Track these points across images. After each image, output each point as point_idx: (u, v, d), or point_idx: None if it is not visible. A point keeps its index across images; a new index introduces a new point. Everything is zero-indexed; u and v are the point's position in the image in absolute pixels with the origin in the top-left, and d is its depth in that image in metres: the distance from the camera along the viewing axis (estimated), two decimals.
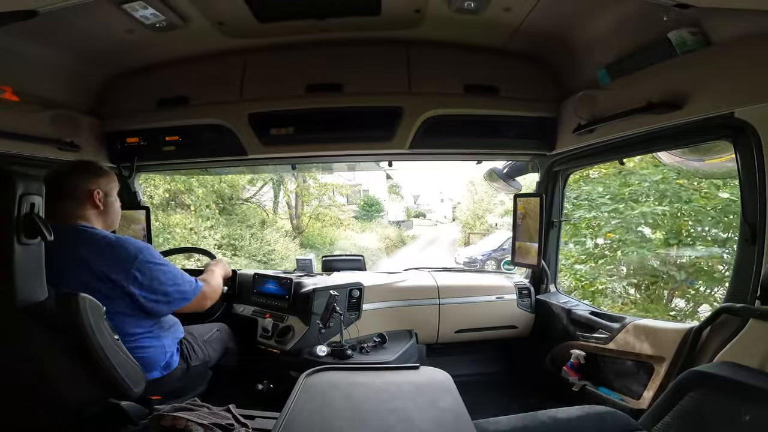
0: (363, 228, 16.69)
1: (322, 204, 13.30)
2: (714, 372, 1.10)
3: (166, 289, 1.33)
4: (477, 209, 19.80)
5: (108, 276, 1.25)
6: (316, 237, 13.00)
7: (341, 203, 15.34)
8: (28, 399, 1.06)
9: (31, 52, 1.57)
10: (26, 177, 1.00)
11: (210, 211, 9.19)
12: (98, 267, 1.25)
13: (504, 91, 1.92)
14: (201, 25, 1.63)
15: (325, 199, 13.25)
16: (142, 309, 1.31)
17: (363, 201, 19.86)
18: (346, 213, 15.62)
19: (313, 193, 12.59)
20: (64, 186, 1.29)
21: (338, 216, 14.09)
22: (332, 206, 14.06)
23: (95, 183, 1.34)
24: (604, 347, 1.81)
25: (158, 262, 1.33)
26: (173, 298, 1.36)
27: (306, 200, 12.93)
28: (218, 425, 1.16)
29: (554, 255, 2.35)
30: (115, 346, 1.16)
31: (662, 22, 1.27)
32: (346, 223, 14.62)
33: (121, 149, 2.03)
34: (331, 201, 13.96)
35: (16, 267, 0.97)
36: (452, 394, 1.01)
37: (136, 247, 1.30)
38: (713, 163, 1.79)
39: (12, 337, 1.01)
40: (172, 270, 1.37)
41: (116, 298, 1.26)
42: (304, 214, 13.18)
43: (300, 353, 1.93)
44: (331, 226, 13.76)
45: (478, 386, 2.11)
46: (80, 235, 1.27)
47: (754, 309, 1.15)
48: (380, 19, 1.67)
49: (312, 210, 13.14)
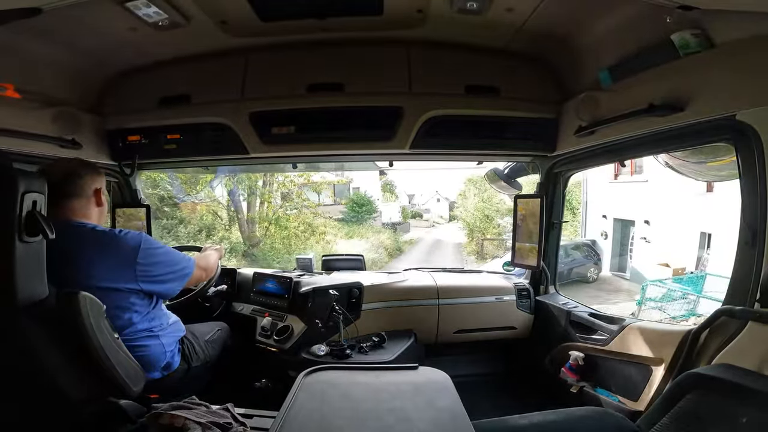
0: (351, 233, 13.84)
1: (293, 206, 10.47)
2: (712, 374, 1.10)
3: (168, 269, 1.39)
4: (487, 208, 16.32)
5: (114, 267, 1.27)
6: (279, 251, 9.98)
7: (318, 202, 12.45)
8: (27, 397, 1.06)
9: (33, 49, 1.57)
10: (28, 174, 1.00)
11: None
12: (104, 260, 1.26)
13: (505, 91, 1.92)
14: (203, 23, 1.63)
15: (297, 200, 10.38)
16: (150, 294, 1.36)
17: (351, 200, 16.92)
18: (327, 215, 12.88)
19: (269, 191, 9.71)
20: (74, 185, 1.30)
21: (317, 219, 11.23)
22: (305, 207, 11.03)
23: (99, 182, 1.38)
24: (602, 349, 1.81)
25: (156, 247, 1.38)
26: (177, 276, 1.42)
27: (268, 200, 10.09)
28: (216, 424, 1.16)
29: (554, 256, 2.35)
30: (114, 345, 1.16)
31: (665, 24, 1.26)
32: (321, 230, 11.42)
33: (122, 147, 2.03)
34: (301, 200, 10.95)
35: (17, 265, 0.97)
36: (451, 395, 1.01)
37: (135, 238, 1.33)
38: (714, 165, 1.79)
39: (12, 335, 1.01)
40: (168, 251, 1.43)
41: (122, 290, 1.28)
42: (264, 220, 10.16)
43: (299, 352, 1.93)
44: (304, 234, 10.57)
45: (477, 387, 2.11)
46: (79, 231, 1.28)
47: (753, 311, 1.15)
48: (382, 19, 1.66)
49: (274, 213, 10.14)
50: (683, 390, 1.10)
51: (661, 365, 1.50)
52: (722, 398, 1.03)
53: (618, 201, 11.16)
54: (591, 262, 10.96)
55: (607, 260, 11.32)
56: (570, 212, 12.91)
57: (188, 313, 1.86)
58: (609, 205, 11.62)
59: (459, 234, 18.49)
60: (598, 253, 11.21)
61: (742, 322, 1.18)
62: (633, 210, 10.46)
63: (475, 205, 17.01)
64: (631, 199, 10.41)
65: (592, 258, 11.02)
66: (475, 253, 15.23)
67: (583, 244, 11.27)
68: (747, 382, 1.02)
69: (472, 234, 16.72)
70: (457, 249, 16.58)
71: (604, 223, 11.71)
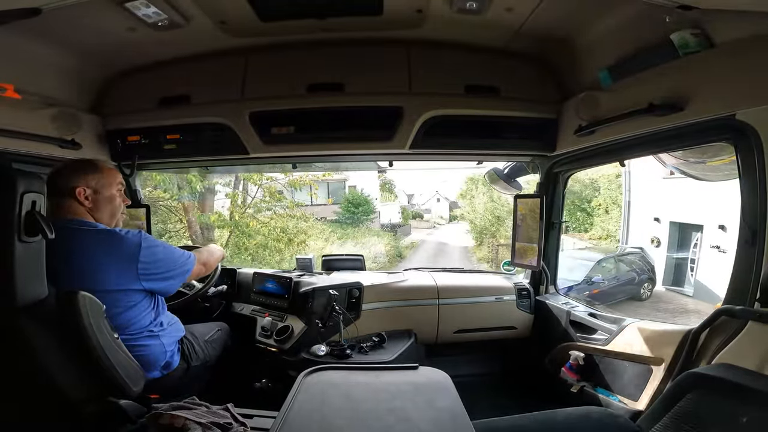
0: (345, 236, 11.90)
1: (269, 206, 8.19)
2: (712, 374, 1.09)
3: (168, 266, 1.39)
4: (497, 209, 14.41)
5: (115, 266, 1.27)
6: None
7: (303, 202, 10.09)
8: (27, 397, 1.06)
9: (33, 50, 1.57)
10: (27, 175, 1.00)
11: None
12: (105, 259, 1.26)
13: (505, 91, 1.92)
14: (203, 23, 1.63)
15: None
16: (151, 292, 1.37)
17: (347, 199, 15.03)
18: (316, 217, 10.42)
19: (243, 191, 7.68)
20: (52, 182, 1.30)
21: (302, 221, 8.91)
22: (282, 208, 8.68)
23: (83, 180, 1.34)
24: (602, 349, 1.81)
25: (156, 245, 1.38)
26: (178, 273, 1.42)
27: (234, 199, 8.00)
28: (216, 424, 1.16)
29: (554, 256, 2.35)
30: (114, 345, 1.16)
31: (665, 24, 1.27)
32: (301, 237, 8.83)
33: (122, 147, 2.03)
34: (273, 200, 8.44)
35: (16, 265, 0.97)
36: (451, 395, 1.01)
37: (136, 236, 1.33)
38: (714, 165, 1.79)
39: (11, 335, 1.01)
40: (168, 247, 1.44)
41: (122, 289, 1.28)
42: (228, 225, 7.91)
43: (299, 352, 1.93)
44: (277, 243, 8.20)
45: (477, 387, 2.11)
46: (76, 230, 1.28)
47: (754, 311, 1.15)
48: (382, 19, 1.66)
49: (243, 214, 8.00)
50: (683, 390, 1.10)
51: (661, 365, 1.50)
52: (722, 398, 1.03)
53: (677, 201, 8.67)
54: (644, 276, 8.84)
55: (660, 272, 9.24)
56: (604, 215, 11.65)
57: (188, 313, 1.86)
58: (663, 206, 9.26)
59: (463, 236, 17.12)
60: (652, 265, 9.15)
61: (742, 322, 1.18)
62: (699, 212, 8.11)
63: (484, 205, 15.21)
64: (699, 198, 7.94)
65: (644, 271, 8.89)
66: (488, 260, 13.40)
67: (631, 253, 9.09)
68: (747, 381, 1.02)
69: (481, 237, 15.14)
70: (465, 254, 15.01)
71: (656, 228, 9.39)
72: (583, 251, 10.33)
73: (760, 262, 1.18)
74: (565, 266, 6.43)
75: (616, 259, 8.78)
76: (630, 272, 8.75)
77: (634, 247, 9.53)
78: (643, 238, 9.50)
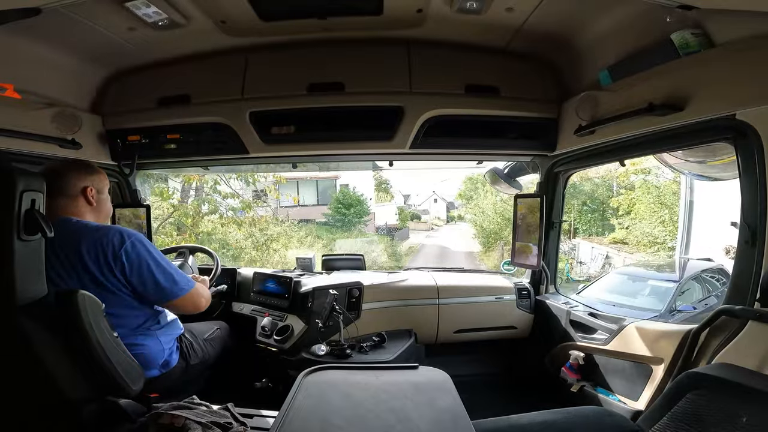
0: (332, 242, 10.20)
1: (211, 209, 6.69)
2: (712, 373, 1.10)
3: (156, 276, 1.31)
4: (507, 210, 12.20)
5: (100, 261, 1.25)
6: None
7: (281, 204, 8.26)
8: (26, 396, 1.06)
9: (33, 49, 1.57)
10: (27, 173, 1.00)
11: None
12: (92, 254, 1.24)
13: (505, 91, 1.92)
14: (203, 23, 1.63)
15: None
16: (134, 294, 1.30)
17: (337, 200, 13.01)
18: (290, 220, 8.62)
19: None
20: (58, 183, 1.29)
21: (242, 234, 7.19)
22: (225, 211, 7.07)
23: (89, 180, 1.35)
24: (602, 348, 1.81)
25: (148, 249, 1.32)
26: (164, 286, 1.32)
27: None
28: (216, 424, 1.16)
29: (554, 256, 2.35)
30: (113, 344, 1.16)
31: (665, 24, 1.27)
32: (252, 254, 7.16)
33: (122, 147, 2.03)
34: (214, 199, 6.90)
35: (16, 263, 0.97)
36: (451, 394, 1.01)
37: (126, 232, 1.30)
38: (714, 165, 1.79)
39: (11, 334, 1.01)
40: (163, 259, 1.36)
41: (110, 286, 1.26)
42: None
43: (299, 352, 1.93)
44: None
45: (477, 386, 2.11)
46: (72, 226, 1.27)
47: (754, 311, 1.15)
48: (382, 19, 1.66)
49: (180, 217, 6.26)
50: (683, 389, 1.10)
51: (661, 365, 1.50)
52: (722, 398, 1.03)
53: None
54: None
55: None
56: (625, 216, 9.20)
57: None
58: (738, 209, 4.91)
59: (466, 240, 15.59)
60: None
61: (742, 322, 1.19)
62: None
63: (492, 206, 13.45)
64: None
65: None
66: (494, 263, 11.69)
67: (711, 269, 6.20)
68: (747, 381, 1.02)
69: (488, 241, 13.52)
70: (472, 260, 13.29)
71: (732, 234, 4.95)
72: (628, 267, 7.84)
73: (760, 262, 1.18)
74: (616, 289, 5.46)
75: (701, 279, 6.20)
76: (717, 293, 6.25)
77: (701, 259, 7.00)
78: (705, 247, 7.01)
